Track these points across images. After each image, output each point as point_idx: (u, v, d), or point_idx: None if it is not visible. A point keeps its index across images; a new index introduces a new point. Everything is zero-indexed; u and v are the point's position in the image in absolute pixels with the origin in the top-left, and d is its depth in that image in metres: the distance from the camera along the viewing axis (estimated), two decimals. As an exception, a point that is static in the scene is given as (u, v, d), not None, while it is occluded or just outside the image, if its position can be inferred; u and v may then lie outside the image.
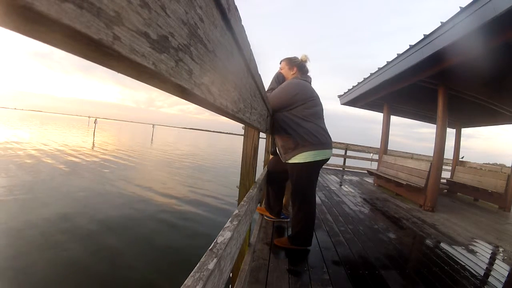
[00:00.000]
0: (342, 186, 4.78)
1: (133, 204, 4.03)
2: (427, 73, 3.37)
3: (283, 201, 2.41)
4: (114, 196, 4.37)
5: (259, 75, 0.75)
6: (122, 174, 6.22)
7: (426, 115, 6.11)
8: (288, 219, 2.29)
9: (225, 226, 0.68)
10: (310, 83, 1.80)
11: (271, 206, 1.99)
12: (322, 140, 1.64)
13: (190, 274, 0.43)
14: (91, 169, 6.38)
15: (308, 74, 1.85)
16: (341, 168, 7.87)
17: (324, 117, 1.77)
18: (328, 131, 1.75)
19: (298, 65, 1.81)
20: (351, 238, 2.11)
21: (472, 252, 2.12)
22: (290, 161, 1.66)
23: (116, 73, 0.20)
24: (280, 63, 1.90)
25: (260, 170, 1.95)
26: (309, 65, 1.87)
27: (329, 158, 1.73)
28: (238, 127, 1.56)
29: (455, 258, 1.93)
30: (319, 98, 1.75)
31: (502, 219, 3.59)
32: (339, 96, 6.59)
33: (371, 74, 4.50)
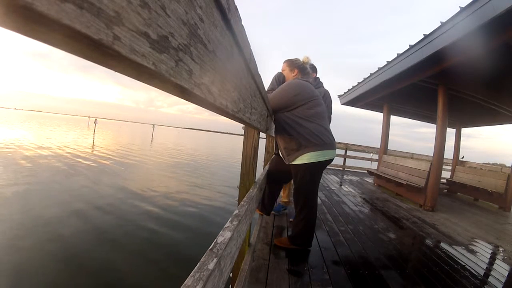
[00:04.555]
0: (342, 186, 4.79)
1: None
2: (427, 73, 3.37)
3: (284, 196, 2.45)
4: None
5: (259, 75, 0.75)
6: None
7: (426, 115, 6.12)
8: (286, 210, 2.35)
9: (225, 226, 0.68)
10: (311, 83, 1.80)
11: (265, 204, 2.00)
12: (325, 141, 1.63)
13: (190, 274, 0.43)
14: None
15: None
16: (341, 168, 7.87)
17: (327, 117, 1.77)
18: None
19: (299, 67, 1.81)
20: (351, 238, 2.11)
21: (472, 252, 2.12)
22: (293, 163, 1.65)
23: (115, 73, 0.20)
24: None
25: (260, 170, 1.95)
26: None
27: (332, 159, 1.71)
28: (238, 127, 1.55)
29: (455, 258, 1.93)
30: (321, 98, 1.74)
31: (502, 219, 3.60)
32: (339, 96, 6.59)
33: (371, 74, 4.50)
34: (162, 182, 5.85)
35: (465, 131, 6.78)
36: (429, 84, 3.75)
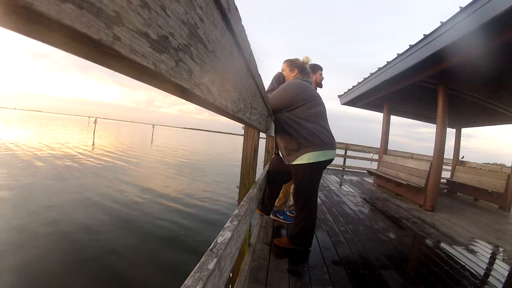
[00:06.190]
0: (342, 186, 4.78)
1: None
2: (427, 73, 3.37)
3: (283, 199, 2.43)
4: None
5: (259, 75, 0.75)
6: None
7: (426, 115, 6.11)
8: (290, 222, 2.31)
9: (225, 226, 0.68)
10: (311, 83, 1.81)
11: (265, 204, 2.00)
12: (325, 141, 1.62)
13: (190, 274, 0.43)
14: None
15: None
16: (341, 168, 7.87)
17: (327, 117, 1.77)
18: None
19: (299, 67, 1.81)
20: (351, 238, 2.11)
21: (472, 252, 2.12)
22: (293, 163, 1.65)
23: (115, 73, 0.20)
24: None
25: (260, 170, 1.95)
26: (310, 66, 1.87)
27: (332, 159, 1.71)
28: (238, 127, 1.55)
29: (455, 258, 1.93)
30: (320, 98, 1.75)
31: (502, 219, 3.60)
32: (339, 96, 6.60)
33: (371, 74, 4.50)
34: (165, 183, 5.85)
35: (465, 131, 6.78)
36: (429, 84, 3.75)
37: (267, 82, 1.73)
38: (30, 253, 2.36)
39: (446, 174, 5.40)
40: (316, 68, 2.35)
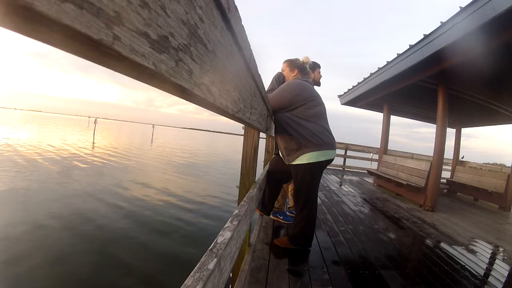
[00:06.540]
0: (342, 186, 4.78)
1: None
2: (427, 73, 3.37)
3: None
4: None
5: (259, 75, 0.75)
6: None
7: (426, 115, 6.11)
8: (290, 222, 2.30)
9: (225, 226, 0.68)
10: (311, 83, 1.81)
11: (265, 204, 2.00)
12: (325, 141, 1.63)
13: (190, 274, 0.43)
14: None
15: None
16: (341, 168, 7.87)
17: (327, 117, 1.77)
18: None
19: (299, 67, 1.81)
20: (351, 238, 2.11)
21: (472, 252, 2.12)
22: (293, 163, 1.65)
23: (115, 73, 0.20)
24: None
25: (260, 170, 1.95)
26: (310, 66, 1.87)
27: (333, 159, 1.71)
28: (238, 127, 1.55)
29: (455, 258, 1.93)
30: (320, 98, 1.75)
31: (502, 219, 3.60)
32: (339, 96, 6.60)
33: (371, 74, 4.50)
34: (165, 181, 5.86)
35: (465, 131, 6.78)
36: (429, 84, 3.75)
37: (267, 82, 1.73)
38: (33, 245, 2.44)
39: (446, 174, 5.40)
40: (315, 66, 2.35)
